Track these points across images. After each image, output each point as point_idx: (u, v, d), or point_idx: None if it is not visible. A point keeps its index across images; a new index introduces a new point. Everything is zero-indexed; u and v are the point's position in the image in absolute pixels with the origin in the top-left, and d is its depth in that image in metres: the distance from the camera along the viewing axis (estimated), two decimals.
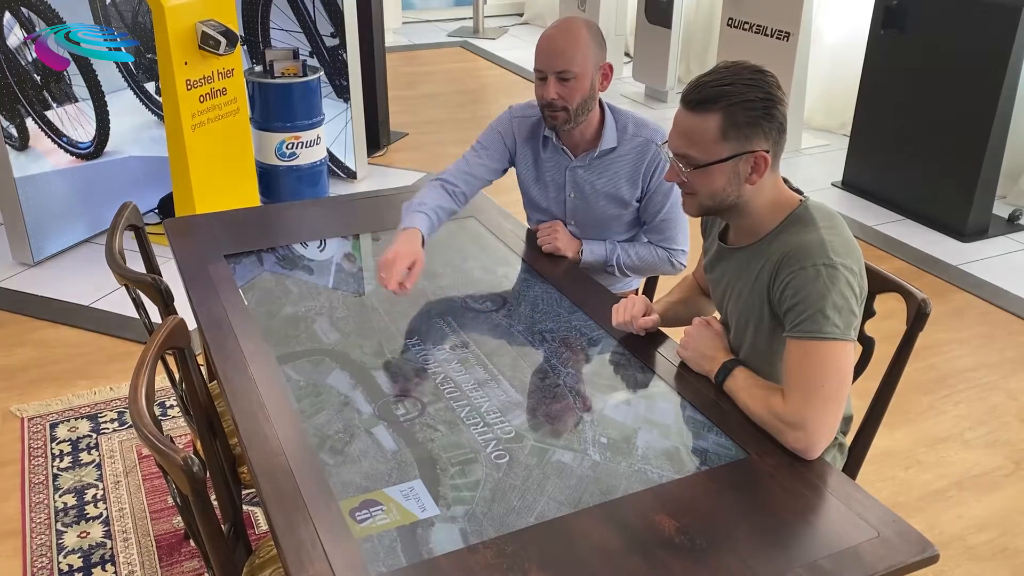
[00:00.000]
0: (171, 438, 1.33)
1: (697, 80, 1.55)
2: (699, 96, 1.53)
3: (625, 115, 2.25)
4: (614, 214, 2.27)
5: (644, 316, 1.86)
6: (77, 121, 4.00)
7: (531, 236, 2.36)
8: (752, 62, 1.55)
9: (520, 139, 2.32)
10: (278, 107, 4.21)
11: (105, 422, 2.91)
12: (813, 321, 1.50)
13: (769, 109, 1.51)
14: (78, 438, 2.84)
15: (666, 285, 2.56)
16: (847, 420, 1.80)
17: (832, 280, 1.50)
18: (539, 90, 2.13)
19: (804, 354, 1.51)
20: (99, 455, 2.76)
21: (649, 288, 2.52)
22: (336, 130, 4.83)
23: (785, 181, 1.66)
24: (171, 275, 2.08)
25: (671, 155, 1.61)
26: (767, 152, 1.54)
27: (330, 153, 4.82)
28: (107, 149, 4.17)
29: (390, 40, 7.65)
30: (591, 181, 2.26)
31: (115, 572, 2.32)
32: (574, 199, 2.29)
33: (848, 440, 1.84)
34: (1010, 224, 4.52)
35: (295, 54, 4.26)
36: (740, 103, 1.51)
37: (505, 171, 2.39)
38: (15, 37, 3.66)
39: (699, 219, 1.81)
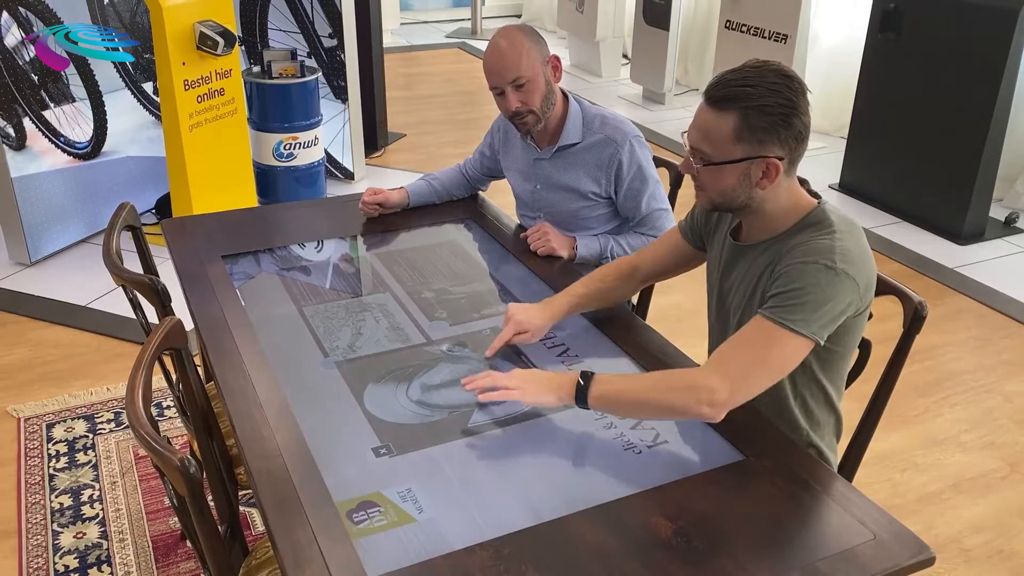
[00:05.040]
0: (168, 439, 1.33)
1: (722, 76, 1.53)
2: (719, 94, 1.51)
3: (595, 111, 2.30)
4: (578, 207, 2.31)
5: (517, 335, 1.83)
6: (75, 121, 3.99)
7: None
8: (784, 65, 1.52)
9: (506, 132, 2.43)
10: (276, 108, 4.21)
11: (102, 422, 2.91)
12: (788, 310, 1.48)
13: (788, 117, 1.48)
14: (74, 438, 2.83)
15: (663, 284, 2.56)
16: (837, 422, 1.79)
17: (827, 281, 1.48)
18: (502, 105, 2.22)
19: (762, 330, 1.49)
20: (95, 455, 2.76)
21: (647, 287, 2.52)
22: (334, 131, 4.83)
23: (804, 183, 1.65)
24: (168, 276, 2.08)
25: (687, 147, 1.59)
26: (781, 159, 1.51)
27: (328, 154, 4.82)
28: (104, 149, 4.16)
29: (388, 41, 7.65)
30: (554, 174, 2.31)
31: (111, 573, 2.32)
32: (540, 190, 2.36)
33: (838, 444, 1.82)
34: (1006, 227, 4.53)
35: (293, 55, 4.26)
36: (758, 107, 1.48)
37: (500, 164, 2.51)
38: (12, 37, 3.66)
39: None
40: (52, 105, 3.88)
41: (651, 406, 1.53)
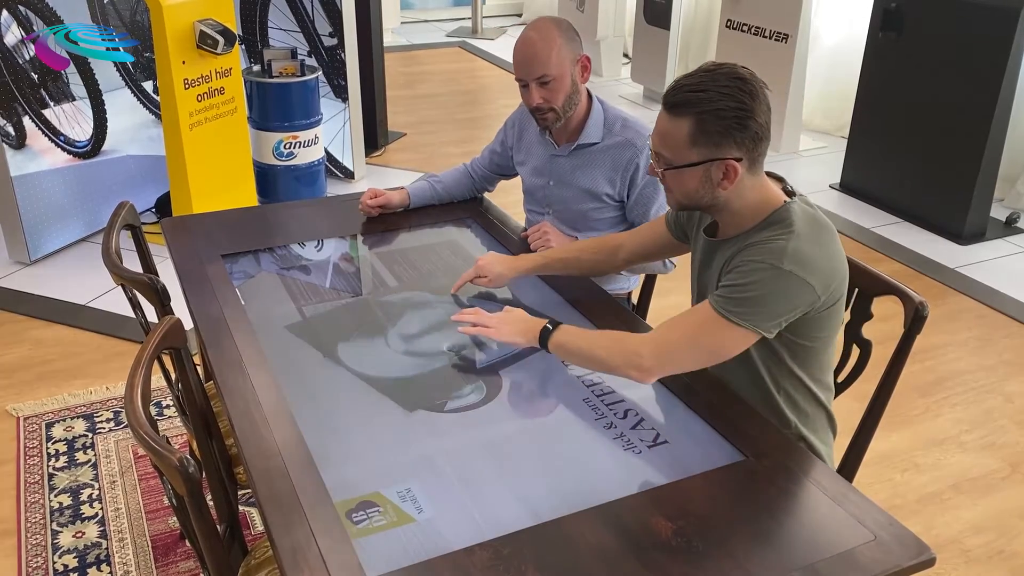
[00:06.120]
0: (167, 438, 1.33)
1: (678, 81, 1.57)
2: (675, 99, 1.55)
3: (616, 113, 2.28)
4: (590, 207, 2.30)
5: (477, 278, 2.06)
6: (74, 120, 3.99)
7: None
8: (739, 66, 1.55)
9: (522, 126, 2.41)
10: (276, 107, 4.21)
11: (101, 422, 2.90)
12: (732, 302, 1.53)
13: (742, 120, 1.51)
14: (74, 438, 2.83)
15: (663, 285, 2.57)
16: (829, 417, 1.79)
17: (773, 279, 1.51)
18: (524, 97, 2.20)
19: (704, 314, 1.57)
20: (95, 455, 2.76)
21: (647, 287, 2.52)
22: (334, 130, 4.83)
23: (780, 180, 1.66)
24: (168, 275, 2.07)
25: (651, 151, 1.63)
26: (739, 160, 1.54)
27: (328, 153, 4.82)
28: (104, 148, 4.16)
29: (388, 40, 7.65)
30: (570, 172, 2.30)
31: (110, 572, 2.31)
32: (553, 187, 2.34)
33: (833, 439, 1.82)
34: (1007, 227, 4.53)
35: (293, 54, 4.26)
36: (712, 111, 1.51)
37: (512, 161, 2.48)
38: (12, 36, 3.66)
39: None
40: (52, 104, 3.88)
41: (595, 361, 1.65)
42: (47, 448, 2.78)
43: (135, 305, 2.01)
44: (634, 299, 2.53)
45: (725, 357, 1.58)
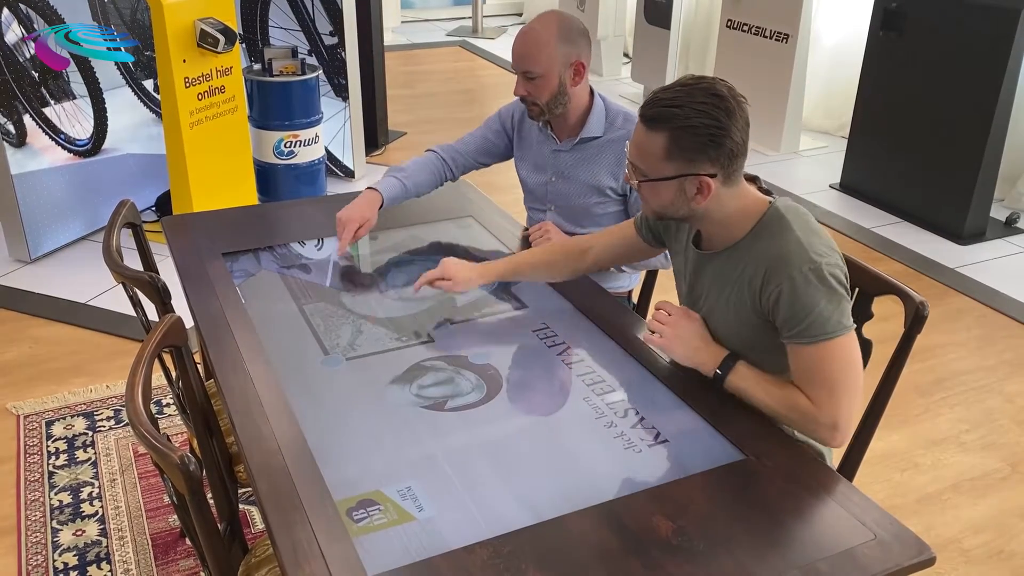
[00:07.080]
0: (167, 436, 1.33)
1: (655, 94, 1.56)
2: (651, 113, 1.54)
3: (617, 108, 2.28)
4: (592, 202, 2.29)
5: (441, 280, 1.97)
6: (75, 118, 3.99)
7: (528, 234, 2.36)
8: (719, 81, 1.53)
9: (519, 119, 2.40)
10: (276, 105, 4.21)
11: (101, 420, 2.90)
12: (816, 325, 1.52)
13: (717, 137, 1.50)
14: (74, 436, 2.83)
15: (664, 285, 2.57)
16: None
17: (821, 280, 1.52)
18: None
19: (817, 357, 1.54)
20: (95, 453, 2.76)
21: (647, 287, 2.52)
22: (334, 129, 4.83)
23: (754, 179, 1.66)
24: (168, 273, 2.07)
25: (628, 161, 1.63)
26: (713, 176, 1.54)
27: (328, 152, 4.82)
28: (105, 146, 4.16)
29: (389, 39, 7.65)
30: (572, 167, 2.30)
31: (110, 570, 2.31)
32: (555, 183, 2.34)
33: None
34: (1007, 227, 4.53)
35: (294, 52, 4.26)
36: (685, 128, 1.50)
37: (506, 149, 2.46)
38: (13, 34, 3.66)
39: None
40: (52, 102, 3.88)
41: (777, 418, 1.61)
42: (47, 446, 2.78)
43: (136, 303, 2.01)
44: (634, 298, 2.54)
45: (861, 367, 1.58)
